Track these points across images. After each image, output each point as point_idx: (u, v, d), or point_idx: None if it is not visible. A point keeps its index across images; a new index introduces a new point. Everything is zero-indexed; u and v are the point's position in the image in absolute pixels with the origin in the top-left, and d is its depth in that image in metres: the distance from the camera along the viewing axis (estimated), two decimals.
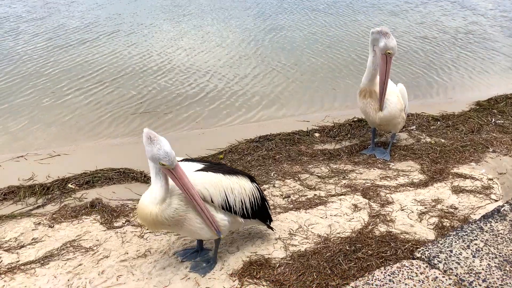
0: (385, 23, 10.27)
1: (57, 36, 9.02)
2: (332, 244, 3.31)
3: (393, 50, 4.29)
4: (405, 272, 2.64)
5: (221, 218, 2.89)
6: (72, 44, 8.58)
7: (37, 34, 9.13)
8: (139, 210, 2.79)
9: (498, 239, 2.89)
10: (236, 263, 3.17)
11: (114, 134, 5.74)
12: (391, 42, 4.25)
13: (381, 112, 4.59)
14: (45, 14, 10.49)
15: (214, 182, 2.85)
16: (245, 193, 3.00)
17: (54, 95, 6.61)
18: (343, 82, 7.32)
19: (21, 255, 3.31)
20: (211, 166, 2.96)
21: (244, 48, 8.62)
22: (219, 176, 2.90)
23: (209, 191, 2.82)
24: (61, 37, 8.96)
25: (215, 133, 5.76)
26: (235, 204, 2.94)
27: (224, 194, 2.88)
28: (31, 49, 8.34)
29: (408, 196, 4.06)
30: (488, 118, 5.78)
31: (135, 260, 3.25)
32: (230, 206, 2.92)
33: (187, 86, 7.04)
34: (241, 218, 3.02)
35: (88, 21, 10.02)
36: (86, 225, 3.71)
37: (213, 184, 2.84)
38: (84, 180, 4.45)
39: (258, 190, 3.13)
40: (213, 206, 2.87)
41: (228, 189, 2.90)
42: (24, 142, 5.45)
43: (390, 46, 4.25)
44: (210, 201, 2.84)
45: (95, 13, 10.69)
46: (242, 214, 3.00)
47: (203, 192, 2.79)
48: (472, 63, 8.17)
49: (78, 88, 6.84)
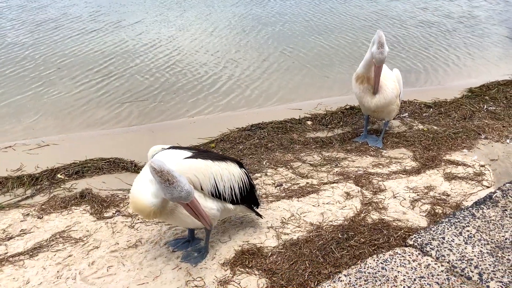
0: (378, 10, 10.20)
1: (46, 24, 8.86)
2: (324, 232, 3.30)
3: (376, 62, 4.35)
4: (397, 260, 2.64)
5: (210, 207, 2.85)
6: (58, 32, 8.43)
7: (25, 22, 8.95)
8: (134, 204, 2.71)
9: (490, 225, 2.90)
10: (228, 252, 3.15)
11: (104, 123, 5.66)
12: (378, 54, 4.27)
13: (377, 98, 4.55)
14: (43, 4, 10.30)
15: (203, 169, 2.80)
16: (234, 179, 2.96)
17: (42, 83, 6.50)
18: (335, 69, 7.27)
19: (9, 247, 3.26)
20: (200, 153, 2.91)
21: (235, 37, 8.52)
22: (208, 162, 2.85)
23: (199, 178, 2.78)
24: (51, 25, 8.80)
25: (206, 121, 5.70)
26: (224, 191, 2.90)
27: (213, 181, 2.84)
28: (19, 35, 8.18)
29: (400, 183, 4.05)
30: (480, 104, 5.78)
31: (125, 250, 3.21)
32: (219, 193, 2.88)
33: (178, 74, 6.95)
34: (230, 204, 2.98)
35: (73, 14, 9.84)
36: (76, 215, 3.66)
37: (202, 171, 2.80)
38: (73, 170, 4.38)
39: (246, 175, 3.10)
40: (202, 193, 2.83)
41: (217, 175, 2.86)
42: (12, 132, 5.36)
43: (375, 57, 4.31)
44: (200, 188, 2.80)
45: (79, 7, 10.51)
46: (231, 200, 2.97)
47: (192, 179, 2.74)
48: (465, 49, 8.15)
49: (67, 77, 6.73)
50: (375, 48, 4.29)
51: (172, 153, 2.85)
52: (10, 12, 9.60)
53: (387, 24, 9.29)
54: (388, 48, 4.32)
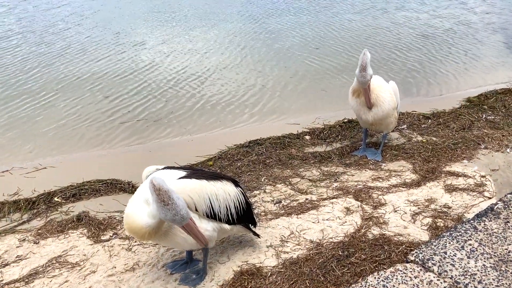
0: (372, 22, 10.25)
1: (38, 46, 8.91)
2: (324, 250, 3.24)
3: (359, 84, 4.38)
4: (399, 277, 2.58)
5: (205, 228, 2.80)
6: (55, 54, 8.47)
7: (21, 44, 9.01)
8: (129, 224, 2.66)
9: (493, 238, 2.84)
10: (227, 273, 3.09)
11: (101, 144, 5.64)
12: (360, 77, 4.30)
13: (374, 111, 4.52)
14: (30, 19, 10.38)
15: (197, 189, 2.75)
16: (230, 198, 2.91)
17: (39, 106, 6.50)
18: (332, 82, 7.27)
19: (5, 274, 3.21)
20: (194, 173, 2.87)
21: (231, 53, 8.55)
22: (202, 182, 2.80)
23: (193, 199, 2.73)
24: (43, 46, 8.85)
25: (204, 139, 5.68)
26: (219, 211, 2.85)
27: (208, 201, 2.79)
28: (12, 58, 8.23)
29: (400, 196, 4.00)
30: (479, 114, 5.75)
31: (123, 274, 3.16)
32: (215, 213, 2.83)
33: (175, 93, 6.96)
34: (226, 224, 2.93)
35: (69, 26, 9.91)
36: (73, 239, 3.61)
37: (197, 191, 2.75)
38: (70, 193, 4.35)
39: (243, 194, 3.06)
40: (197, 214, 2.78)
41: (212, 195, 2.81)
42: (9, 156, 5.34)
43: (358, 80, 4.35)
44: (194, 209, 2.75)
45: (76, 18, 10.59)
46: (227, 220, 2.92)
47: (187, 200, 2.69)
48: (462, 59, 8.16)
49: (62, 98, 6.72)
50: (357, 71, 4.29)
51: (166, 173, 2.81)
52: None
53: (384, 35, 9.32)
54: (371, 71, 4.30)
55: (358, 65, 4.28)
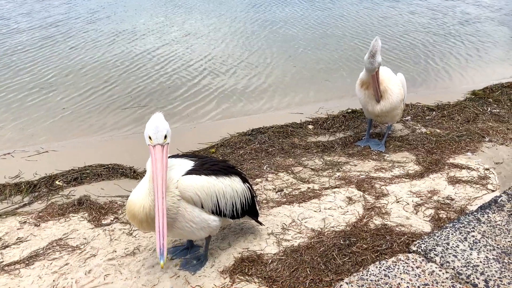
0: (379, 14, 10.16)
1: (44, 29, 8.86)
2: (326, 239, 3.22)
3: (366, 70, 4.37)
4: (400, 266, 2.56)
5: (208, 221, 2.80)
6: (58, 39, 8.42)
7: (24, 30, 8.95)
8: (130, 207, 2.65)
9: (496, 230, 2.82)
10: (228, 259, 3.08)
11: (104, 129, 5.62)
12: (367, 64, 4.29)
13: (382, 103, 4.49)
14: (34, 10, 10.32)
15: (205, 188, 2.73)
16: (236, 195, 2.90)
17: (41, 90, 6.47)
18: (336, 73, 7.22)
19: (5, 256, 3.21)
20: (203, 164, 2.83)
21: (236, 42, 8.49)
22: (211, 179, 2.77)
23: (200, 197, 2.71)
24: (48, 31, 8.79)
25: (206, 126, 5.65)
26: (225, 208, 2.85)
27: (215, 199, 2.78)
28: (17, 43, 8.17)
29: (403, 187, 3.97)
30: (484, 107, 5.70)
31: (123, 258, 3.15)
32: (220, 210, 2.83)
33: (178, 80, 6.92)
34: (230, 219, 2.94)
35: (73, 15, 9.85)
36: (74, 223, 3.61)
37: (205, 189, 2.72)
38: (72, 176, 4.33)
39: (249, 190, 3.04)
40: (202, 210, 2.77)
41: (220, 193, 2.80)
42: (11, 139, 5.32)
43: (365, 66, 4.34)
44: (200, 206, 2.74)
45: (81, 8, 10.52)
46: (231, 216, 2.91)
47: (194, 198, 2.68)
48: (467, 52, 8.10)
49: (66, 83, 6.70)
50: (366, 56, 4.27)
51: (173, 163, 2.77)
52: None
53: (391, 27, 9.24)
54: (380, 59, 4.27)
55: (368, 51, 4.24)
